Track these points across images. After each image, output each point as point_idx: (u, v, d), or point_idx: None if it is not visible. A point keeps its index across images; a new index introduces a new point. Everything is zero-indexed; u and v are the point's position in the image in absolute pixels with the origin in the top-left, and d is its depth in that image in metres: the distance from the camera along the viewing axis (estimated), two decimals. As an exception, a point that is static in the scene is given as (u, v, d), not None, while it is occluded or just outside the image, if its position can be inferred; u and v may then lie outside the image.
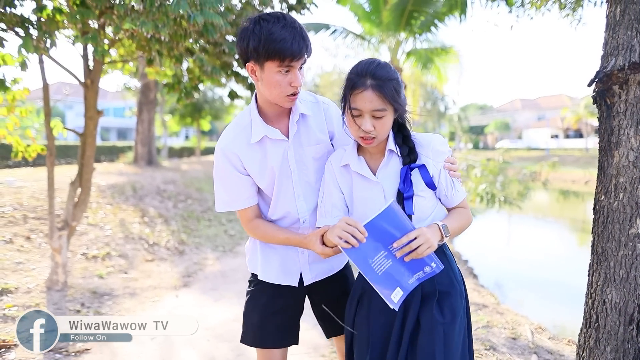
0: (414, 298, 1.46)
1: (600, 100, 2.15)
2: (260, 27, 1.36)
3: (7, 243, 4.84)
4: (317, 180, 1.63)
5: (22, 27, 3.17)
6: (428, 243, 1.34)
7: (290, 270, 1.67)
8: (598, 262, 2.13)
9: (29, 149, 4.18)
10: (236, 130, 1.57)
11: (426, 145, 1.51)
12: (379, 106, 1.39)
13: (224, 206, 1.61)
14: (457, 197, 1.55)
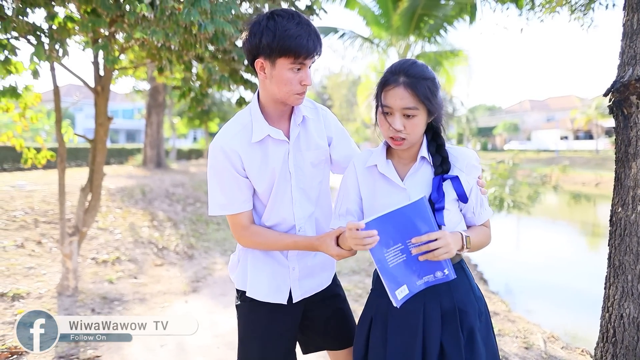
0: (434, 317, 1.42)
1: (617, 111, 2.12)
2: (275, 23, 1.34)
3: (19, 248, 4.88)
4: (311, 187, 1.58)
5: (34, 35, 3.20)
6: (447, 247, 1.29)
7: (280, 287, 1.59)
8: (615, 276, 2.09)
9: (39, 155, 4.21)
10: (236, 128, 1.50)
11: (461, 159, 1.47)
12: (409, 104, 1.35)
13: (219, 209, 1.51)
14: (484, 216, 1.52)
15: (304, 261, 1.61)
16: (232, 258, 1.70)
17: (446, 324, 1.42)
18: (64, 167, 3.96)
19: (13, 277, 4.21)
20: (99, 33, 3.23)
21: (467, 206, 1.48)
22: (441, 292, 1.43)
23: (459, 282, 1.44)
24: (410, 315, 1.43)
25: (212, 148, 1.49)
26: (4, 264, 4.42)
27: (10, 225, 5.36)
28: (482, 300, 1.51)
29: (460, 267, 1.49)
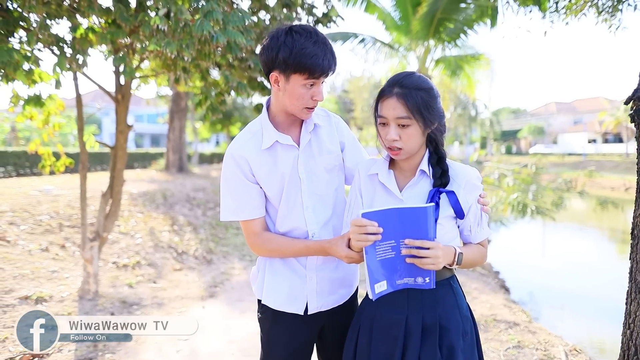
0: (415, 330, 1.42)
1: (638, 120, 2.04)
2: (292, 40, 1.37)
3: (43, 251, 5.02)
4: (327, 194, 1.60)
5: (58, 46, 3.29)
6: (435, 260, 1.32)
7: (297, 297, 1.61)
8: (637, 291, 2.01)
9: (58, 163, 4.32)
10: (247, 136, 1.55)
11: (461, 176, 1.48)
12: (402, 114, 1.38)
13: (230, 215, 1.55)
14: (481, 235, 1.52)
15: (323, 273, 1.62)
16: (253, 269, 1.75)
17: (425, 339, 1.42)
18: (85, 174, 4.06)
19: (37, 280, 4.33)
20: (118, 44, 3.30)
21: (464, 223, 1.50)
22: (425, 306, 1.44)
23: (444, 298, 1.46)
24: (393, 325, 1.45)
25: (225, 157, 1.55)
26: (29, 267, 4.55)
27: (36, 229, 5.52)
28: (469, 320, 1.51)
29: (448, 284, 1.49)
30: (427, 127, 1.42)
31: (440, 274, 1.47)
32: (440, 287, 1.46)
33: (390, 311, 1.46)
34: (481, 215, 1.50)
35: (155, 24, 2.53)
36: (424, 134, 1.44)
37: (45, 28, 2.99)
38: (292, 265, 1.61)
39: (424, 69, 7.85)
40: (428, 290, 1.42)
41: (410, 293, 1.45)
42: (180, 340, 3.60)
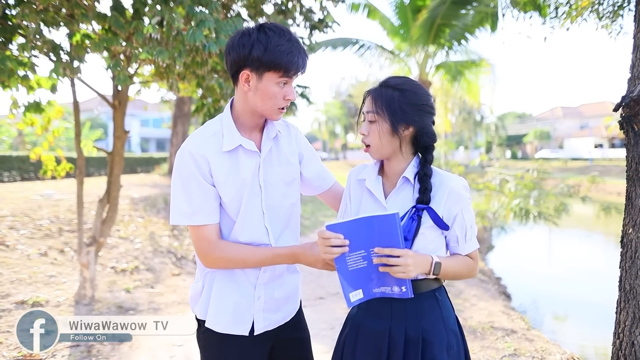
0: (398, 341, 1.41)
1: (627, 127, 2.03)
2: (266, 37, 1.33)
3: (42, 256, 5.05)
4: (282, 207, 1.52)
5: (54, 52, 3.33)
6: (405, 268, 1.31)
7: (243, 317, 1.50)
8: (626, 300, 1.99)
9: (59, 167, 4.35)
10: (205, 135, 1.44)
11: (445, 185, 1.44)
12: (369, 108, 1.44)
13: (183, 218, 1.40)
14: (468, 248, 1.48)
15: (271, 292, 1.54)
16: (194, 287, 1.58)
17: (408, 352, 1.40)
18: (82, 179, 4.08)
19: (34, 285, 4.35)
20: (113, 51, 3.33)
21: (449, 234, 1.47)
22: (408, 317, 1.43)
23: (428, 310, 1.44)
24: (377, 337, 1.44)
25: (180, 153, 1.42)
26: (27, 271, 4.57)
27: (36, 234, 5.56)
28: (454, 334, 1.47)
29: (433, 296, 1.46)
30: (393, 128, 1.42)
31: (424, 284, 1.44)
32: (424, 299, 1.44)
33: (374, 322, 1.45)
34: (469, 226, 1.46)
35: (148, 32, 2.54)
36: (392, 135, 1.43)
37: (40, 35, 3.02)
38: (240, 282, 1.50)
39: (425, 75, 7.85)
40: (411, 302, 1.40)
41: (394, 303, 1.43)
42: (174, 346, 3.60)
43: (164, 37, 2.62)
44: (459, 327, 1.51)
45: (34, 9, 2.84)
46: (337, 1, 4.61)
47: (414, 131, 1.45)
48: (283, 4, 4.40)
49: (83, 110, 19.75)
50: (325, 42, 7.68)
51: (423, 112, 1.45)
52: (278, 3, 4.43)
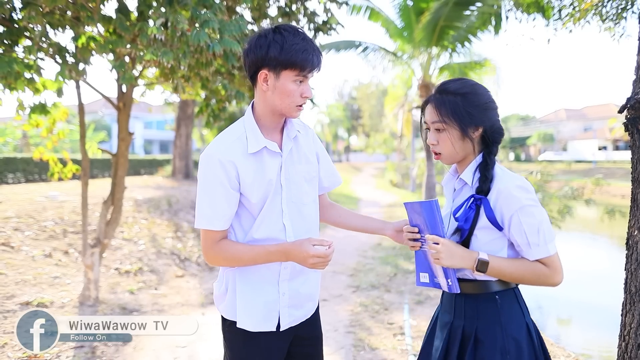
0: (456, 335, 1.47)
1: (632, 128, 2.02)
2: (282, 37, 1.39)
3: (47, 257, 5.06)
4: (305, 205, 1.58)
5: (60, 55, 3.35)
6: (438, 255, 1.37)
7: (271, 314, 1.56)
8: (632, 303, 1.98)
9: (65, 169, 4.37)
10: (230, 139, 1.49)
11: (496, 184, 1.41)
12: (434, 119, 1.46)
13: (206, 222, 1.46)
14: (534, 254, 1.39)
15: (296, 288, 1.59)
16: (218, 287, 1.63)
17: (463, 347, 1.45)
18: (87, 181, 4.10)
19: (39, 286, 4.37)
20: (118, 53, 3.35)
21: (510, 238, 1.41)
22: (467, 316, 1.47)
23: (484, 311, 1.44)
24: (442, 328, 1.54)
25: (207, 159, 1.46)
26: (32, 273, 4.59)
27: (40, 235, 5.58)
28: (514, 340, 1.40)
29: (492, 299, 1.44)
30: (463, 132, 1.43)
31: (484, 286, 1.44)
32: (482, 299, 1.45)
33: (444, 315, 1.57)
34: (532, 231, 1.37)
35: (152, 34, 2.56)
36: (463, 139, 1.44)
37: (46, 37, 3.04)
38: (263, 279, 1.55)
39: (428, 77, 7.85)
40: (470, 300, 1.46)
41: (457, 300, 1.50)
42: (178, 347, 3.60)
43: (169, 38, 2.64)
44: (528, 336, 1.43)
45: (40, 12, 2.87)
46: (340, 3, 4.63)
47: (483, 130, 1.46)
48: (287, 6, 4.42)
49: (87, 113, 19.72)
50: (329, 45, 7.70)
51: (488, 110, 1.46)
52: (282, 6, 4.45)
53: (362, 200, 18.31)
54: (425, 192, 7.63)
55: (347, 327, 4.15)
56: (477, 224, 1.41)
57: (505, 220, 1.39)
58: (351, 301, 4.95)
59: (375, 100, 42.91)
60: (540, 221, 1.38)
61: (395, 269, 6.46)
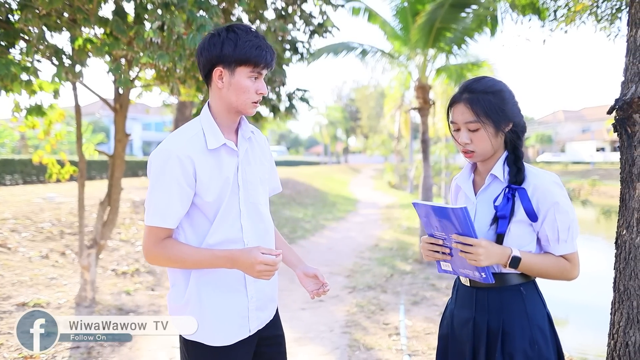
0: (482, 330, 1.46)
1: (620, 129, 2.04)
2: (235, 35, 1.42)
3: (43, 258, 5.08)
4: (261, 204, 1.56)
5: (57, 57, 3.37)
6: (476, 257, 1.36)
7: (243, 321, 1.50)
8: (620, 301, 2.00)
9: (63, 170, 4.39)
10: (187, 135, 1.46)
11: (530, 180, 1.45)
12: (470, 118, 1.44)
13: (158, 219, 1.40)
14: (560, 249, 1.44)
15: (261, 289, 1.55)
16: (175, 298, 1.49)
17: (490, 342, 1.44)
18: (83, 182, 4.12)
19: (35, 287, 4.38)
20: (115, 55, 3.37)
21: (540, 233, 1.45)
22: (491, 309, 1.46)
23: (510, 303, 1.45)
24: (463, 324, 1.52)
25: (163, 155, 1.41)
26: (28, 274, 4.61)
27: (37, 237, 5.59)
28: (540, 330, 1.44)
29: (517, 290, 1.46)
30: (498, 129, 1.45)
31: (508, 278, 1.46)
32: (507, 291, 1.46)
33: (461, 311, 1.54)
34: (564, 228, 1.42)
35: (149, 37, 2.58)
36: (496, 136, 1.46)
37: (43, 39, 3.06)
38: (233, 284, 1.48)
39: (424, 78, 7.87)
40: (494, 293, 1.47)
41: (478, 294, 1.49)
42: (174, 348, 3.62)
43: (165, 41, 2.66)
44: (550, 325, 1.49)
45: (37, 14, 2.88)
46: (336, 6, 4.66)
47: (513, 125, 1.48)
48: (283, 9, 4.44)
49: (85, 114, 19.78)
50: (327, 48, 7.71)
51: (516, 106, 1.50)
52: (278, 8, 4.48)
53: (360, 201, 18.34)
54: (422, 192, 7.65)
55: (343, 327, 4.17)
56: (513, 218, 1.43)
57: (540, 214, 1.42)
58: (347, 302, 4.97)
59: (374, 101, 42.97)
60: (572, 219, 1.44)
61: (392, 270, 6.48)
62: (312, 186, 19.71)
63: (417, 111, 7.97)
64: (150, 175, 1.43)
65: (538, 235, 1.47)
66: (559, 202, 1.42)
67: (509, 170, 1.46)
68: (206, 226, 1.46)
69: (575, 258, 1.47)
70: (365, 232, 10.47)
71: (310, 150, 71.96)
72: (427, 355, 3.56)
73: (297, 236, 9.24)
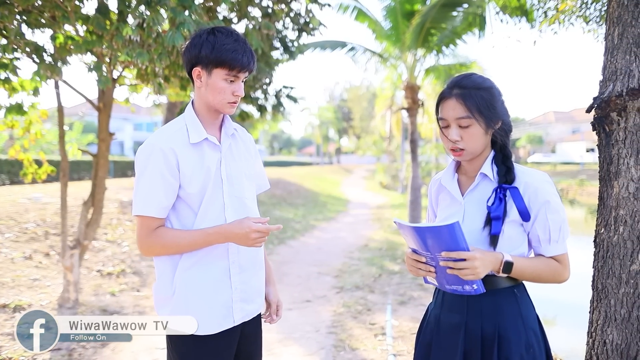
0: (474, 337, 1.40)
1: (599, 128, 2.05)
2: (214, 37, 1.46)
3: (27, 259, 5.01)
4: (247, 198, 1.60)
5: (37, 54, 3.32)
6: (473, 270, 1.27)
7: (228, 311, 1.54)
8: (598, 300, 2.01)
9: (40, 170, 4.33)
10: (171, 130, 1.52)
11: (519, 180, 1.42)
12: (461, 114, 1.39)
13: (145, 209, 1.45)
14: (552, 250, 1.41)
15: (245, 281, 1.58)
16: (161, 290, 1.55)
17: (485, 348, 1.38)
18: (66, 182, 4.06)
19: (17, 289, 4.31)
20: (97, 52, 3.32)
21: (531, 233, 1.42)
22: (484, 313, 1.40)
23: (505, 306, 1.41)
24: (453, 329, 1.44)
25: (147, 149, 1.47)
26: (10, 275, 4.53)
27: (21, 237, 5.51)
28: (534, 333, 1.41)
29: (510, 292, 1.42)
30: (489, 126, 1.41)
31: (502, 281, 1.41)
32: (501, 295, 1.41)
33: (450, 316, 1.47)
34: (555, 228, 1.39)
35: (127, 35, 2.55)
36: (486, 134, 1.42)
37: (22, 36, 3.01)
38: (217, 275, 1.53)
39: (413, 78, 7.89)
40: (487, 297, 1.39)
41: (470, 298, 1.42)
42: (157, 349, 3.58)
43: (144, 39, 2.62)
44: (540, 327, 1.46)
45: (14, 10, 2.83)
46: (322, 5, 4.64)
47: (501, 123, 1.45)
48: (269, 7, 4.41)
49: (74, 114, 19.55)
50: (314, 44, 7.70)
51: (504, 104, 1.47)
52: (264, 6, 4.45)
53: (351, 202, 18.34)
54: (411, 193, 7.66)
55: (329, 327, 4.15)
56: (505, 218, 1.39)
57: (532, 213, 1.39)
58: (334, 302, 4.95)
59: (366, 102, 43.02)
60: (563, 219, 1.41)
61: (381, 270, 6.47)
62: (304, 186, 19.69)
63: (406, 111, 7.98)
64: (136, 169, 1.49)
65: (529, 236, 1.43)
66: (550, 201, 1.39)
67: (498, 170, 1.43)
68: (191, 217, 1.51)
69: (565, 259, 1.43)
70: (355, 232, 10.46)
71: (302, 151, 71.95)
72: (412, 355, 3.54)
73: (287, 236, 9.21)
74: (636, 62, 1.92)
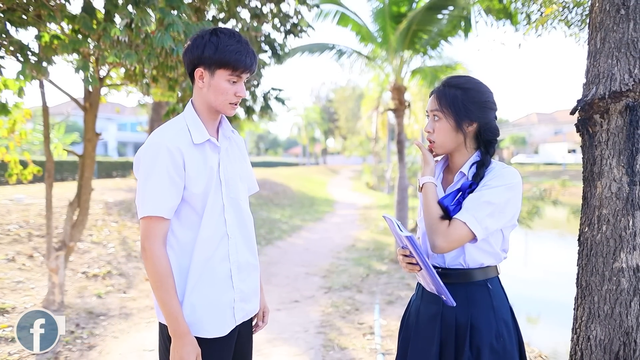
0: (450, 326, 1.50)
1: (582, 129, 2.11)
2: (217, 38, 1.46)
3: (9, 262, 4.92)
4: (242, 199, 1.61)
5: (22, 53, 3.26)
6: None
7: (232, 312, 1.55)
8: (582, 297, 2.06)
9: (25, 171, 4.26)
10: (174, 129, 1.50)
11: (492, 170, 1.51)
12: (433, 107, 1.53)
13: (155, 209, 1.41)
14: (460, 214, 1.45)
15: (244, 280, 1.59)
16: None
17: (458, 336, 1.49)
18: (51, 182, 4.01)
19: (0, 292, 4.23)
20: (83, 52, 3.29)
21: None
22: (458, 304, 1.49)
23: (478, 298, 1.51)
24: (430, 319, 1.56)
25: (153, 147, 1.44)
26: (-7, 278, 4.45)
27: (4, 239, 5.41)
28: (505, 323, 1.50)
29: (484, 285, 1.52)
30: (457, 124, 1.50)
31: (476, 273, 1.52)
32: (474, 287, 1.52)
33: (428, 307, 1.58)
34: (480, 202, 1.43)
35: (115, 35, 2.52)
36: (457, 131, 1.51)
37: (6, 35, 2.96)
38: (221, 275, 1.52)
39: (400, 79, 7.95)
40: (462, 290, 1.51)
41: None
42: (145, 351, 3.55)
43: (132, 39, 2.60)
44: (513, 318, 1.56)
45: (-1, 8, 2.79)
46: (311, 6, 4.66)
47: (477, 127, 1.53)
48: (257, 8, 4.41)
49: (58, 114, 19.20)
50: (302, 47, 7.69)
51: (486, 109, 1.54)
52: (253, 7, 4.45)
53: (338, 202, 18.38)
54: (398, 193, 7.71)
55: (318, 327, 4.17)
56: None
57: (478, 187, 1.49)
58: (323, 302, 4.97)
59: (352, 102, 43.14)
60: (496, 204, 1.44)
61: (368, 270, 6.51)
62: (290, 187, 19.66)
63: (393, 112, 8.04)
64: (141, 170, 1.44)
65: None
66: (499, 188, 1.45)
67: (475, 173, 1.52)
68: (196, 220, 1.50)
69: (458, 227, 1.43)
70: (342, 232, 10.50)
71: (289, 152, 71.81)
72: (400, 354, 3.58)
73: (274, 237, 9.20)
74: (618, 65, 1.98)
